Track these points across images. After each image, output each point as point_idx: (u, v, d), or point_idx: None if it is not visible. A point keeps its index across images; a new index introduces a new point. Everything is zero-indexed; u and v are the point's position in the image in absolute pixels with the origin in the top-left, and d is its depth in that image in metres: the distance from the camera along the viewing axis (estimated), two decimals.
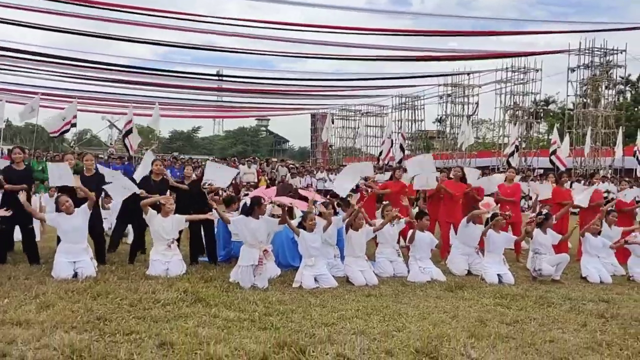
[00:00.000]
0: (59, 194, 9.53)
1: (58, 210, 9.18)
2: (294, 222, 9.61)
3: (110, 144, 57.20)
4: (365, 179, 12.90)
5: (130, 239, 11.37)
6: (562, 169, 23.03)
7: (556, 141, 21.23)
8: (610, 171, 34.53)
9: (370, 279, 9.19)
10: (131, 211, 10.46)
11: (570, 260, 10.56)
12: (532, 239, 10.42)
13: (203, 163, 29.41)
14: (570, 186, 14.31)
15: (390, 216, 10.15)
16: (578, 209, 12.38)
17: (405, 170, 13.07)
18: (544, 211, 11.28)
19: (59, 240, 9.29)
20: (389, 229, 10.29)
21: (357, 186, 13.13)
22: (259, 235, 8.75)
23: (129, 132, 21.27)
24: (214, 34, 28.85)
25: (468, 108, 47.25)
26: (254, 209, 8.89)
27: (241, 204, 11.10)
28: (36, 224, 10.93)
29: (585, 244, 10.67)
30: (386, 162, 30.70)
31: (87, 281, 8.23)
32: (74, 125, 20.48)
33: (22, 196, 9.05)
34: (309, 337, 6.06)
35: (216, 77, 42.67)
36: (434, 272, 9.76)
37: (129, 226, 11.55)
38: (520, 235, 11.14)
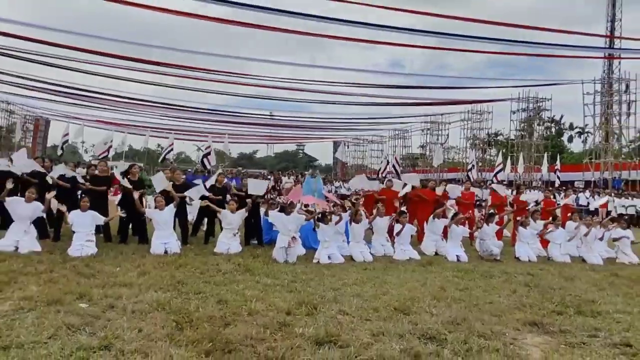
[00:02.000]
0: (157, 195, 9.55)
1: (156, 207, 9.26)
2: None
3: (197, 162, 57.68)
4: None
5: (204, 227, 11.39)
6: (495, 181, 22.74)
7: (501, 163, 20.92)
8: (540, 183, 33.88)
9: (367, 257, 9.13)
10: (205, 209, 10.47)
11: (506, 245, 10.42)
12: (481, 229, 10.30)
13: (257, 175, 29.41)
14: (511, 193, 14.16)
15: (379, 213, 10.15)
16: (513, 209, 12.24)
17: (391, 183, 12.86)
18: (490, 211, 11.12)
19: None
20: (381, 223, 10.20)
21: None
22: (290, 227, 8.71)
23: (208, 154, 21.38)
24: (268, 87, 29.05)
25: (441, 138, 46.69)
26: (285, 209, 8.91)
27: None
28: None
29: (518, 233, 10.47)
30: (384, 175, 30.43)
31: (173, 256, 8.29)
32: (111, 147, 19.79)
33: (135, 195, 9.22)
34: (321, 297, 6.02)
35: (269, 116, 42.84)
36: (412, 253, 9.65)
37: (205, 218, 11.57)
38: (473, 227, 10.99)
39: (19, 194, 8.97)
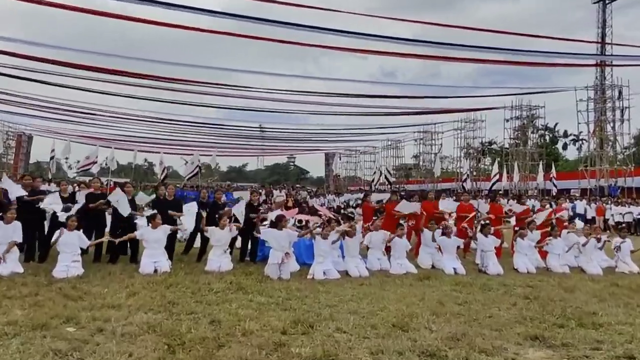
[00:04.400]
0: (154, 213, 9.39)
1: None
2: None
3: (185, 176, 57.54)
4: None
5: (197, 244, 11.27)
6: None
7: (498, 174, 20.93)
8: (535, 191, 34.12)
9: (362, 272, 9.08)
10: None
11: (506, 257, 10.46)
12: (477, 241, 10.31)
13: (249, 189, 29.39)
14: (507, 202, 14.23)
15: (375, 226, 10.15)
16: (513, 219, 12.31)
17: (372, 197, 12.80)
18: (484, 222, 11.16)
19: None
20: (377, 237, 10.15)
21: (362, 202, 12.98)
22: (282, 242, 8.69)
23: (196, 174, 21.41)
24: (258, 99, 29.08)
25: (435, 147, 46.97)
26: (278, 223, 8.87)
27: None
28: None
29: (516, 244, 10.49)
30: (377, 186, 30.44)
31: (163, 275, 8.20)
32: (94, 162, 19.72)
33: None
34: (317, 315, 5.99)
35: (259, 129, 42.92)
36: (409, 267, 9.61)
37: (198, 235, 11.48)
38: (466, 239, 10.98)
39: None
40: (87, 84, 23.71)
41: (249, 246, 10.37)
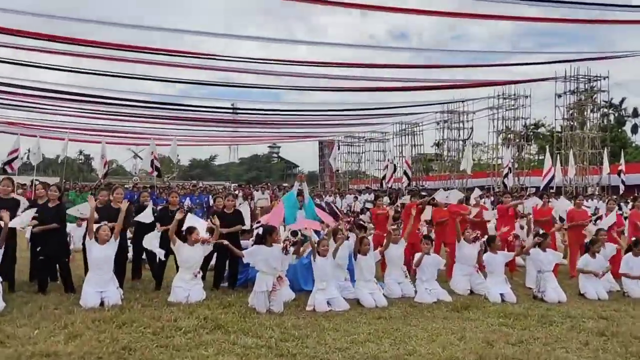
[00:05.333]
0: (103, 223, 9.26)
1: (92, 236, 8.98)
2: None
3: (135, 172, 57.25)
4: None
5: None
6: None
7: (551, 167, 20.79)
8: (597, 189, 34.21)
9: (379, 301, 9.00)
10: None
11: (562, 276, 10.42)
12: (528, 255, 10.29)
13: (220, 190, 29.24)
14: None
15: (392, 238, 10.10)
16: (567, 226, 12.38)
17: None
18: (541, 231, 11.04)
19: (86, 269, 9.12)
20: (395, 251, 10.10)
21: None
22: (273, 263, 8.58)
23: (158, 169, 21.30)
24: (229, 71, 28.88)
25: (463, 132, 47.10)
26: (266, 238, 8.73)
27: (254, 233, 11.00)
28: None
29: (583, 262, 10.38)
30: (389, 185, 30.42)
31: (113, 310, 8.02)
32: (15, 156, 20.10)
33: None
34: None
35: (231, 109, 42.69)
36: (440, 293, 9.54)
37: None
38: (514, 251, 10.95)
39: None
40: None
41: (227, 267, 10.27)
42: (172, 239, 9.25)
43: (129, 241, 10.84)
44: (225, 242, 9.49)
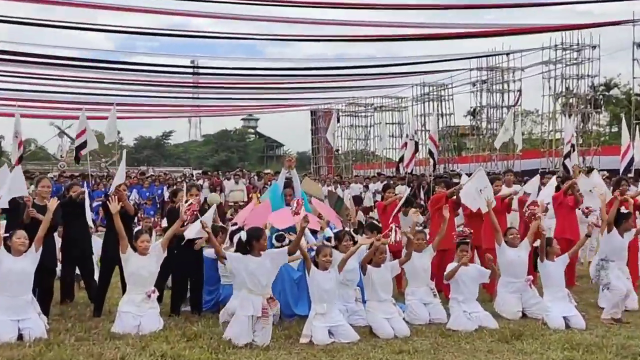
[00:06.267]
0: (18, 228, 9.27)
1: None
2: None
3: (61, 156, 57.00)
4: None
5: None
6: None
7: (630, 145, 20.45)
8: None
9: (400, 329, 9.05)
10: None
11: None
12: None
13: (179, 180, 29.28)
14: None
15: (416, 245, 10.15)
16: None
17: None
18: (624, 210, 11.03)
19: None
20: (419, 262, 10.10)
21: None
22: (262, 278, 8.54)
23: (84, 145, 21.07)
24: (187, 15, 28.79)
25: (508, 97, 46.97)
26: (252, 245, 8.63)
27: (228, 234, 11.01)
28: None
29: None
30: (409, 170, 30.40)
31: (36, 345, 8.01)
32: None
33: None
34: None
35: (190, 70, 42.64)
36: (483, 317, 9.58)
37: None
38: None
39: None
40: None
41: (189, 284, 10.34)
42: (122, 244, 9.30)
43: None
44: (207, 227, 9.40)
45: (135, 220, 13.97)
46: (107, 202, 9.56)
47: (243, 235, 8.80)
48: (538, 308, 10.06)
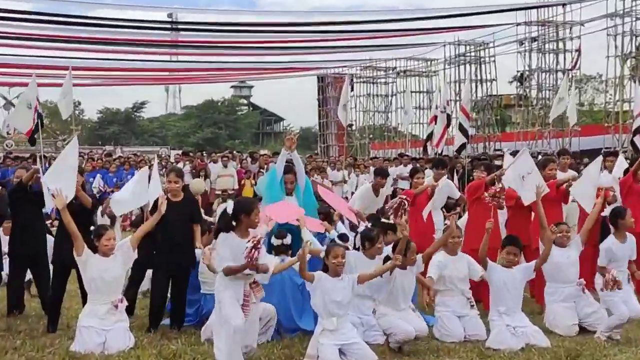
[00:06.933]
0: None
1: None
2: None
3: (8, 133, 57.05)
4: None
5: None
6: None
7: None
8: None
9: (420, 328, 9.09)
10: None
11: None
12: None
13: (151, 161, 29.35)
14: None
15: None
16: None
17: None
18: None
19: None
20: (453, 265, 10.10)
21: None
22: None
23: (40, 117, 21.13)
24: None
25: (564, 59, 46.88)
26: (240, 221, 8.51)
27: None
28: None
29: None
30: (439, 149, 30.39)
31: None
32: None
33: None
34: None
35: (168, 25, 42.68)
36: (531, 333, 9.57)
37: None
38: None
39: None
40: None
41: (169, 293, 10.39)
42: (77, 245, 9.32)
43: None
44: None
45: (99, 212, 14.04)
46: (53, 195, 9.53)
47: (229, 206, 8.67)
48: (596, 319, 10.11)
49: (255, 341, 8.44)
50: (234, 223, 8.39)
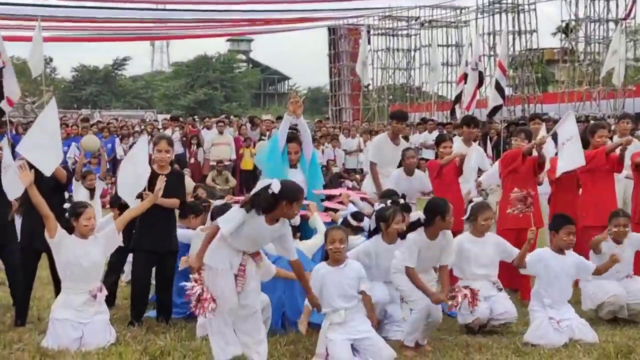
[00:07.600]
0: None
1: None
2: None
3: None
4: None
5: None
6: None
7: None
8: None
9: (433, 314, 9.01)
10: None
11: None
12: None
13: (138, 125, 29.41)
14: None
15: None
16: None
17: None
18: None
19: None
20: (482, 248, 10.09)
21: None
22: (257, 246, 8.43)
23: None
24: None
25: (617, 6, 46.73)
26: (278, 205, 8.03)
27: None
28: None
29: None
30: (470, 112, 30.39)
31: None
32: None
33: None
34: None
35: None
36: (577, 327, 9.51)
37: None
38: None
39: None
40: None
41: (153, 280, 10.42)
42: (48, 225, 9.30)
43: None
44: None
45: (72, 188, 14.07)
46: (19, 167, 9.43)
47: (276, 186, 8.12)
48: None
49: (259, 329, 8.35)
50: (269, 207, 8.02)
